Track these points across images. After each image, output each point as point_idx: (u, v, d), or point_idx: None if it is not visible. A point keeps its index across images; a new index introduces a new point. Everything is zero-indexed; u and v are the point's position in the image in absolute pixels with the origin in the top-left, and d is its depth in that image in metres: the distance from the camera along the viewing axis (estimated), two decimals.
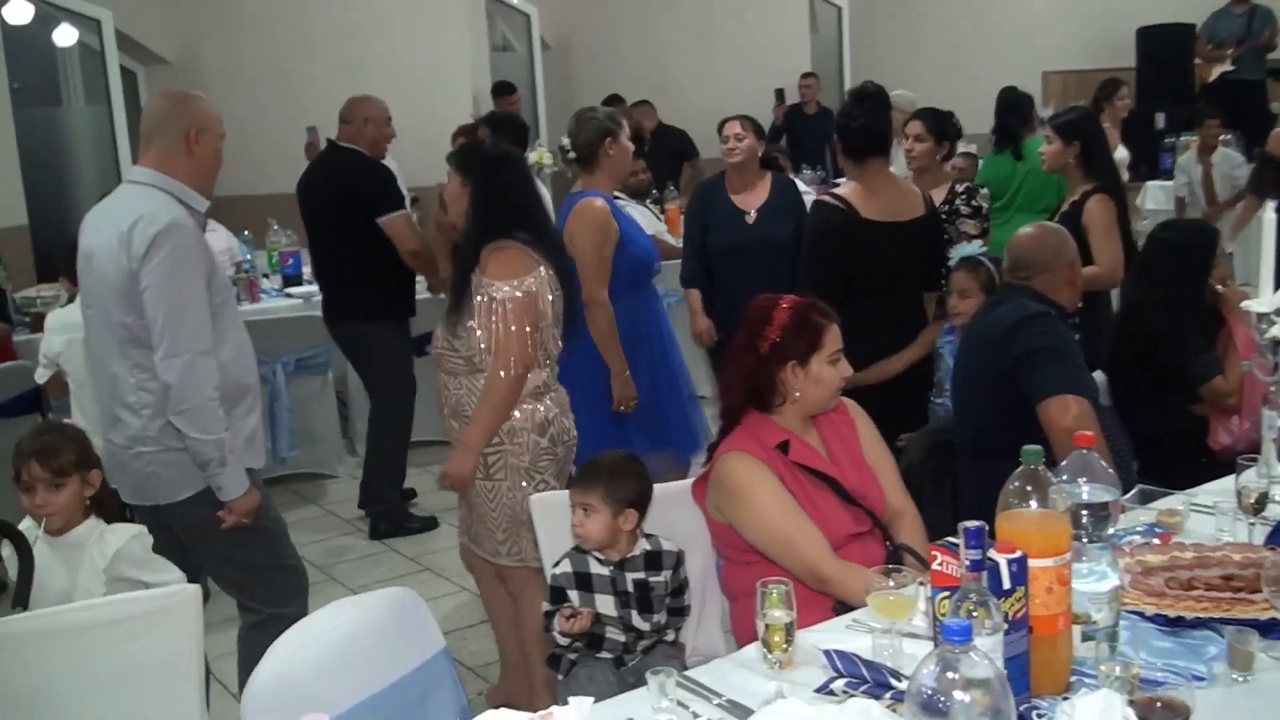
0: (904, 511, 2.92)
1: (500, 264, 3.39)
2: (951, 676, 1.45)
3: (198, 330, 3.06)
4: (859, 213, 4.05)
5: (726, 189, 5.12)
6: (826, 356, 2.81)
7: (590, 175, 4.34)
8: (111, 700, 2.47)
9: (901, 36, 12.36)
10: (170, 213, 3.06)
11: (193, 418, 3.06)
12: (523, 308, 3.36)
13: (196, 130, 3.15)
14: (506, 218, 3.44)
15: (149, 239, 3.00)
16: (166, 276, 3.02)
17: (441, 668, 2.41)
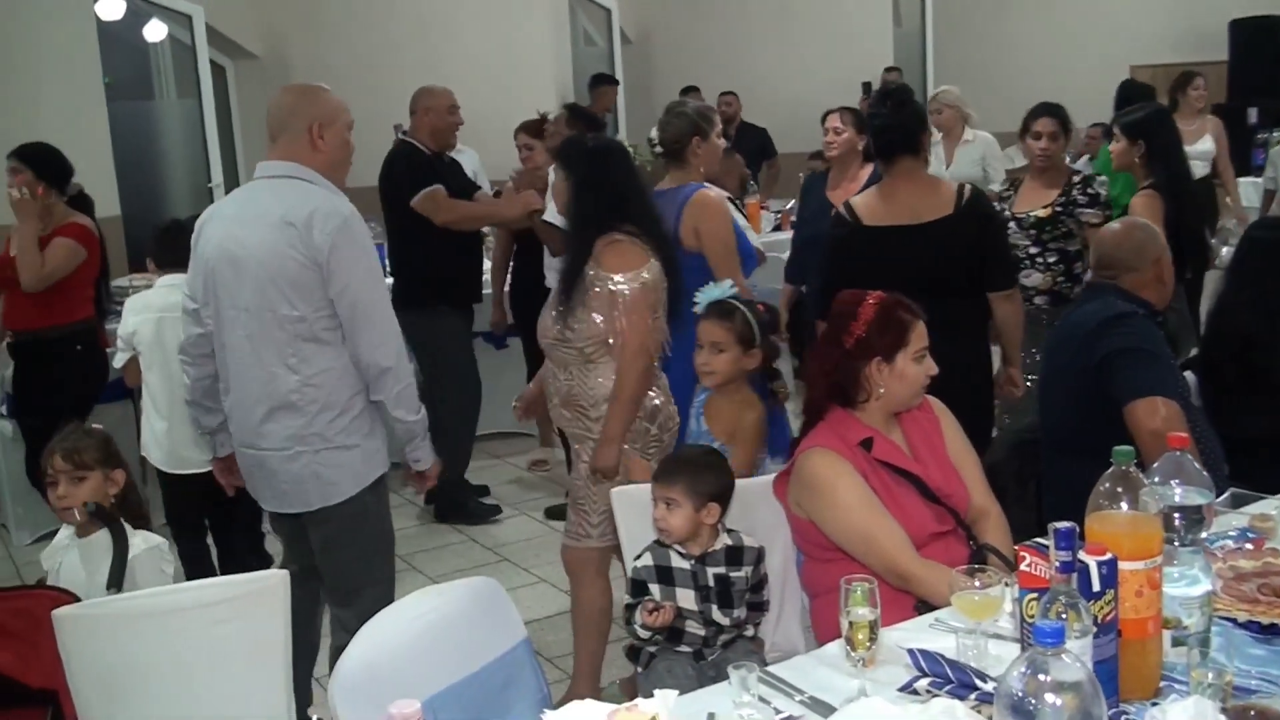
0: (988, 511, 2.88)
1: (615, 256, 3.41)
2: (1042, 679, 1.44)
3: (393, 315, 3.16)
4: (861, 221, 3.97)
5: (827, 184, 5.12)
6: (912, 353, 2.79)
7: (679, 171, 4.33)
8: (200, 682, 2.51)
9: (986, 29, 12.18)
10: (342, 205, 3.09)
11: (404, 397, 3.17)
12: (642, 298, 3.39)
13: (320, 124, 3.15)
14: (611, 211, 3.45)
15: (332, 231, 3.01)
16: (360, 267, 3.07)
17: (523, 657, 2.43)
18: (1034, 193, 5.02)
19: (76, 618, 2.45)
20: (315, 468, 3.15)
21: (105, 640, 2.45)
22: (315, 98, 3.23)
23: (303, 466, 3.15)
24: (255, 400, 3.16)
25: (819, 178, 5.24)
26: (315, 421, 3.12)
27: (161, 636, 2.48)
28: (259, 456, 3.21)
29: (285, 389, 3.11)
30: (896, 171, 3.99)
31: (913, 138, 3.98)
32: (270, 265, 3.05)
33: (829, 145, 5.04)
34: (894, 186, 4.00)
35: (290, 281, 3.04)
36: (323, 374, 3.10)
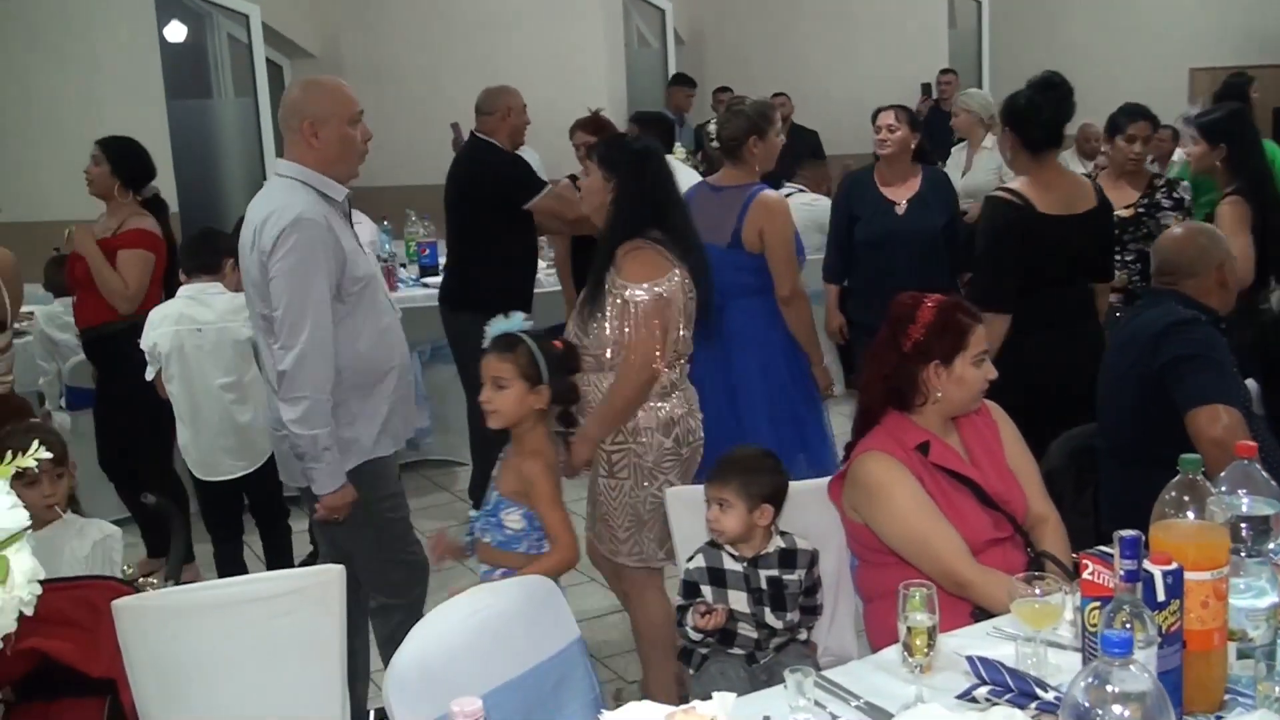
0: (1046, 518, 2.85)
1: (634, 265, 3.37)
2: (1110, 689, 1.42)
3: (315, 324, 3.09)
4: (1035, 207, 3.93)
5: (876, 180, 5.05)
6: (971, 357, 2.76)
7: (734, 168, 4.31)
8: (256, 674, 2.53)
9: (1042, 31, 12.05)
10: (299, 207, 3.09)
11: (295, 408, 3.11)
12: (655, 310, 3.34)
13: (310, 122, 3.16)
14: (645, 216, 3.41)
15: (276, 233, 3.07)
16: (289, 270, 3.07)
17: (576, 656, 2.44)
18: (1115, 193, 4.96)
19: (136, 608, 2.48)
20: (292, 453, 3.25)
21: (164, 631, 2.48)
22: (314, 93, 3.23)
23: (289, 448, 3.25)
24: (265, 382, 3.38)
25: (865, 175, 5.16)
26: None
27: (219, 629, 2.51)
28: (270, 433, 3.42)
29: (270, 376, 3.24)
30: (1046, 164, 4.03)
31: (1062, 133, 4.06)
32: (245, 265, 3.22)
33: (882, 143, 4.97)
34: (1047, 178, 4.01)
35: (253, 280, 3.18)
36: None
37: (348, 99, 3.24)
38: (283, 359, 3.10)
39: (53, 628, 2.51)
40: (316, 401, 3.11)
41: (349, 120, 3.22)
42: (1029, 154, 4.02)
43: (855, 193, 5.10)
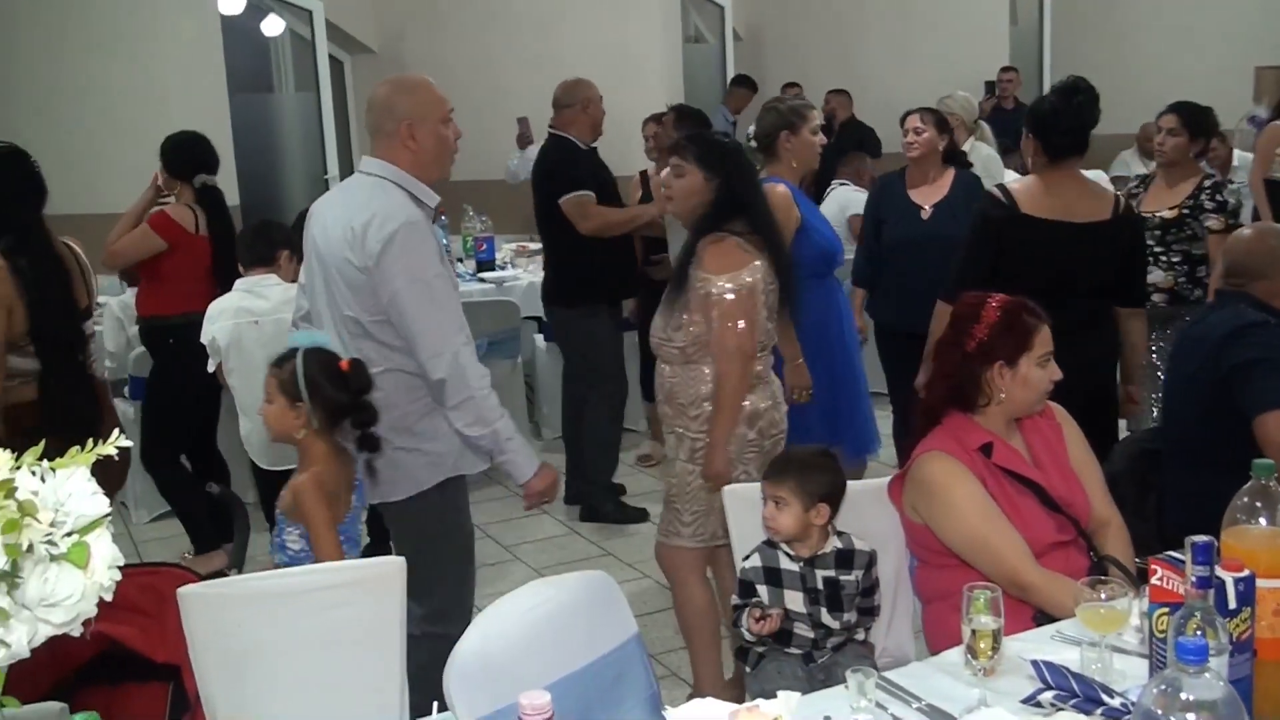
0: (1109, 521, 2.82)
1: (716, 258, 3.38)
2: (1184, 697, 1.39)
3: (454, 322, 3.05)
4: (1019, 207, 3.85)
5: (905, 183, 5.02)
6: (1036, 358, 2.73)
7: (771, 164, 4.35)
8: (317, 663, 2.56)
9: (1105, 28, 11.88)
10: (403, 212, 3.03)
11: (466, 410, 3.05)
12: (739, 302, 3.34)
13: (410, 123, 3.11)
14: (731, 208, 3.43)
15: (383, 239, 2.97)
16: (410, 277, 2.99)
17: (634, 652, 2.43)
18: (1162, 193, 4.91)
19: (201, 596, 2.51)
20: (375, 464, 3.11)
21: (228, 619, 2.51)
22: (409, 93, 3.18)
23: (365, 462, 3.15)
24: None
25: (895, 178, 5.13)
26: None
27: (281, 617, 2.53)
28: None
29: None
30: (1064, 167, 3.91)
31: (1087, 139, 3.93)
32: (335, 265, 3.09)
33: (910, 146, 4.93)
34: (1057, 181, 3.90)
35: (348, 283, 3.06)
36: (383, 375, 3.05)
37: (440, 99, 3.20)
38: (437, 368, 3.01)
39: (119, 613, 2.54)
40: (482, 397, 3.06)
41: (442, 120, 3.17)
42: (1047, 159, 3.92)
43: (884, 196, 5.07)
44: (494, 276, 6.80)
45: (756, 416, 3.45)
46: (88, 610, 1.30)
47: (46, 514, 1.25)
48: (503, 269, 6.98)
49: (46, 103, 7.01)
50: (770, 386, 3.55)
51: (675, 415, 3.50)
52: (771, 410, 3.51)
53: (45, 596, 1.25)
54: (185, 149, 4.97)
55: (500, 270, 6.93)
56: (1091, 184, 4.06)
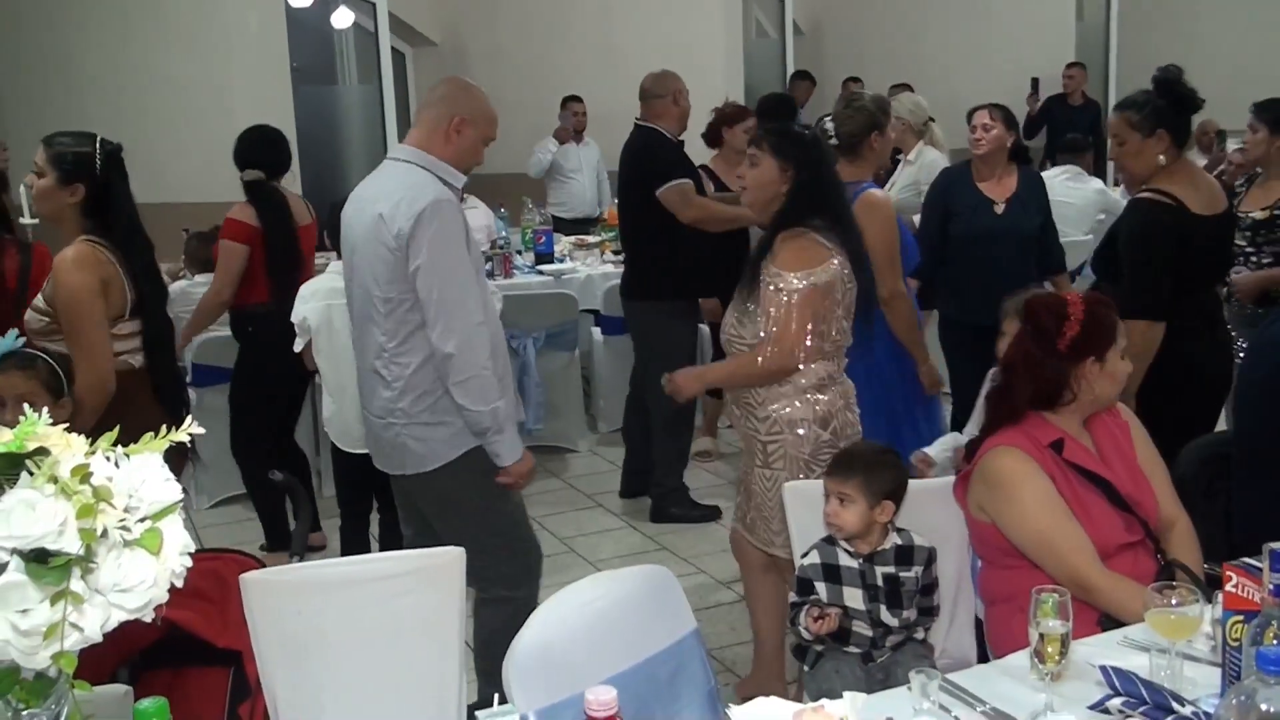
0: (1176, 522, 2.77)
1: (791, 253, 3.33)
2: (1265, 709, 1.36)
3: (471, 303, 3.15)
4: (1188, 208, 3.76)
5: (973, 177, 4.97)
6: (1120, 350, 2.75)
7: (852, 165, 4.24)
8: (377, 652, 2.57)
9: (1173, 23, 11.68)
10: (432, 191, 3.13)
11: (469, 388, 3.15)
12: (807, 300, 3.30)
13: (460, 119, 3.20)
14: (812, 203, 3.39)
15: (413, 217, 3.07)
16: (435, 253, 3.09)
17: (692, 648, 2.42)
18: (1261, 193, 4.82)
19: (263, 583, 2.53)
20: (404, 438, 3.27)
21: (289, 606, 2.52)
22: (470, 96, 3.29)
23: (394, 435, 3.28)
24: (363, 368, 3.35)
25: (962, 171, 5.08)
26: (402, 397, 3.22)
27: (342, 605, 2.54)
28: (369, 420, 3.39)
29: (378, 362, 3.25)
30: (1184, 163, 3.90)
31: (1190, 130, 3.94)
32: (365, 243, 3.19)
33: (978, 142, 4.88)
34: (1191, 176, 3.87)
35: (381, 262, 3.15)
36: (410, 352, 3.18)
37: (494, 119, 3.32)
38: (447, 341, 3.12)
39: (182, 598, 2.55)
40: (486, 377, 3.16)
41: (485, 138, 3.30)
42: (1177, 150, 3.85)
43: (952, 189, 5.01)
44: (552, 269, 6.81)
45: (830, 417, 3.39)
46: (160, 596, 1.31)
47: (121, 499, 1.26)
48: (561, 261, 6.99)
49: (114, 94, 7.12)
50: (842, 387, 3.47)
51: (744, 417, 3.46)
52: (845, 411, 3.45)
53: (118, 582, 1.26)
54: (240, 143, 5.04)
55: (559, 263, 6.93)
56: (1202, 173, 4.07)
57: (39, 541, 1.25)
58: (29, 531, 1.26)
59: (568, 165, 8.65)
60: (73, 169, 3.37)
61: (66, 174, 3.37)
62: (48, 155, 3.39)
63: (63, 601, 1.26)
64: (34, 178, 3.42)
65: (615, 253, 7.22)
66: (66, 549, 1.26)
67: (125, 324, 3.49)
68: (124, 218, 3.48)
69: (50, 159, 3.38)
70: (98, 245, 3.40)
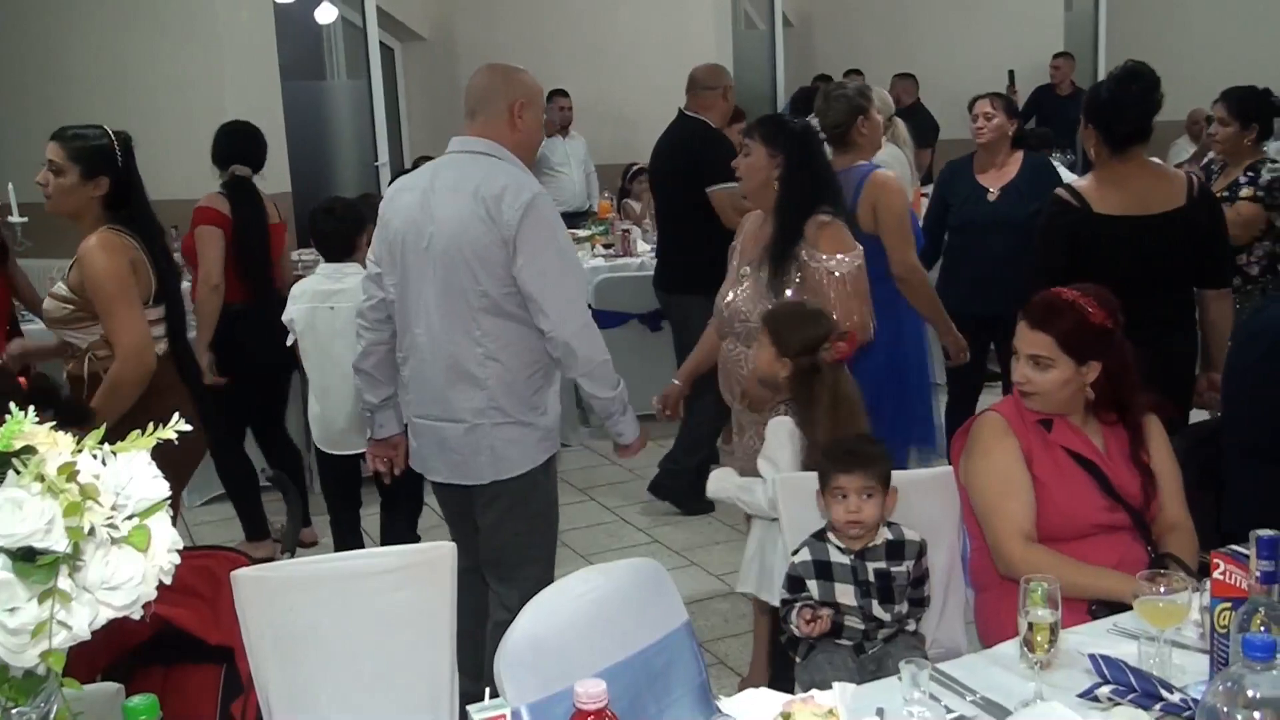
0: (1178, 525, 2.79)
1: (831, 238, 3.44)
2: (1250, 694, 1.37)
3: (580, 293, 3.20)
4: (1091, 207, 3.71)
5: (973, 167, 5.02)
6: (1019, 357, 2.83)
7: (845, 154, 4.27)
8: (369, 647, 2.56)
9: (1162, 13, 11.68)
10: (532, 182, 3.13)
11: (595, 376, 3.19)
12: (859, 280, 3.44)
13: (520, 104, 3.18)
14: (818, 191, 3.48)
15: (521, 207, 3.03)
16: (545, 246, 3.06)
17: (683, 641, 2.42)
18: (1222, 180, 4.85)
19: (254, 579, 2.52)
20: (492, 441, 3.17)
21: (280, 603, 2.52)
22: (518, 78, 3.25)
23: (479, 439, 3.18)
24: (438, 370, 3.19)
25: (964, 162, 5.12)
26: (495, 395, 3.15)
27: (334, 602, 2.54)
28: (436, 427, 3.24)
29: (468, 361, 3.14)
30: (1129, 158, 3.76)
31: (1150, 126, 3.80)
32: (459, 238, 3.08)
33: (979, 131, 4.93)
34: (1125, 173, 3.75)
35: (478, 255, 3.07)
36: (505, 349, 3.12)
37: (543, 94, 3.33)
38: (570, 333, 3.10)
39: (174, 595, 2.56)
40: (608, 362, 3.21)
41: (544, 113, 3.34)
42: (1110, 150, 3.77)
43: (952, 180, 5.09)
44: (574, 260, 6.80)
45: None
46: (148, 593, 1.31)
47: (108, 497, 1.26)
48: None
49: (100, 88, 7.08)
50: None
51: (765, 399, 3.44)
52: None
53: (106, 579, 1.26)
54: (225, 139, 5.04)
55: None
56: (1161, 169, 3.94)
57: (26, 540, 1.25)
58: (16, 530, 1.26)
59: (554, 159, 8.63)
60: (97, 163, 3.37)
61: (90, 168, 3.37)
62: (66, 152, 3.37)
63: (50, 600, 1.26)
64: (50, 175, 3.40)
65: (606, 246, 7.21)
66: (54, 547, 1.26)
67: (150, 310, 3.49)
68: (144, 206, 3.49)
69: (70, 155, 3.37)
70: (121, 232, 3.40)
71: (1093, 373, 2.70)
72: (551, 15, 9.24)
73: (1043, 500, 2.67)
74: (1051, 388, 2.69)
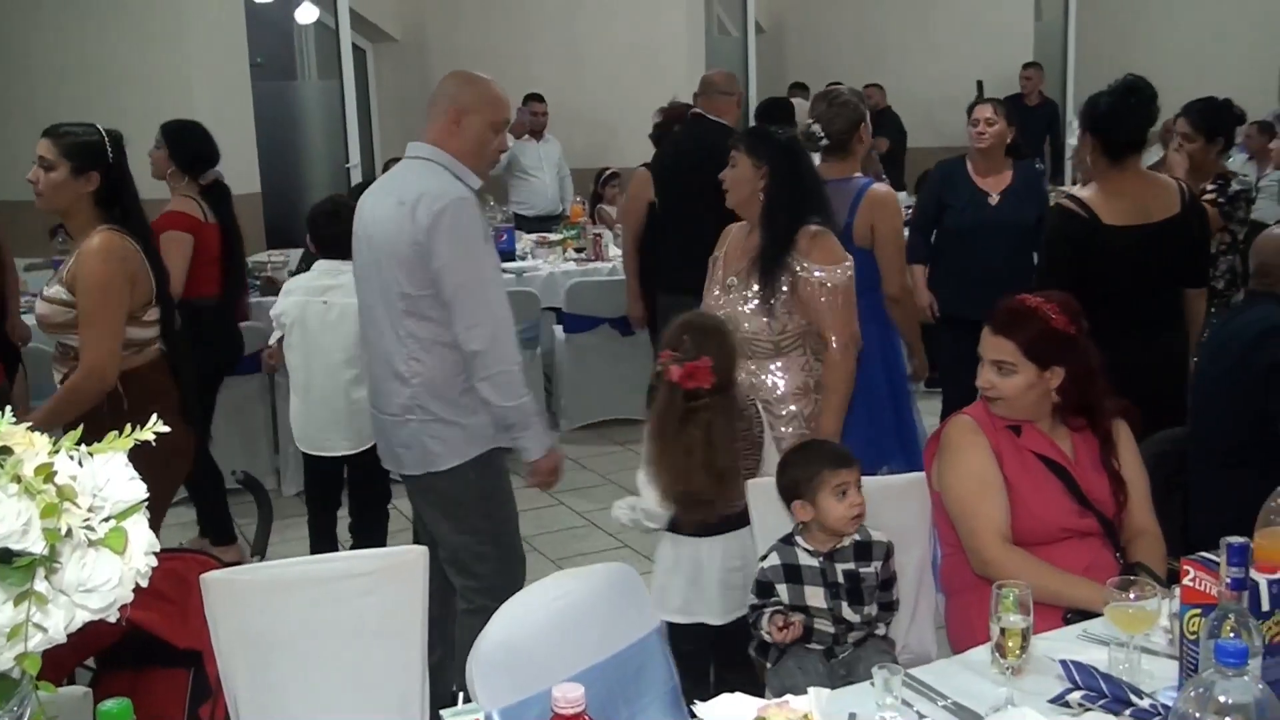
0: (1146, 531, 2.80)
1: (823, 249, 3.43)
2: (1222, 700, 1.38)
3: (496, 298, 3.16)
4: (1100, 218, 3.81)
5: (969, 170, 5.04)
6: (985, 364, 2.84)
7: (842, 161, 4.27)
8: (339, 651, 2.55)
9: (1131, 24, 11.82)
10: (453, 189, 3.13)
11: (497, 383, 3.15)
12: (849, 290, 3.43)
13: (459, 109, 3.18)
14: (806, 201, 3.48)
15: (434, 213, 3.06)
16: (457, 251, 3.08)
17: (656, 645, 2.43)
18: None
19: (224, 582, 2.51)
20: (421, 436, 3.25)
21: (250, 606, 2.51)
22: (469, 84, 3.26)
23: (410, 434, 3.26)
24: (378, 366, 3.33)
25: (958, 165, 5.12)
26: (420, 394, 3.21)
27: (304, 605, 2.53)
28: (380, 419, 3.37)
29: (396, 359, 3.23)
30: (1127, 167, 3.88)
31: (1145, 137, 3.94)
32: (386, 242, 3.17)
33: (980, 136, 4.95)
34: (1124, 183, 3.86)
35: (397, 259, 3.14)
36: (426, 350, 3.18)
37: (497, 102, 3.27)
38: (474, 338, 3.12)
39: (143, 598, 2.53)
40: (514, 372, 3.17)
41: (493, 122, 3.24)
42: (1109, 160, 3.88)
43: (948, 182, 5.10)
44: (514, 267, 6.80)
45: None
46: (125, 596, 1.30)
47: (85, 499, 1.25)
48: (523, 259, 6.98)
49: (64, 85, 7.02)
50: None
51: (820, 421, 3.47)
52: None
53: (83, 582, 1.25)
54: (198, 143, 4.99)
55: (520, 261, 6.92)
56: (1155, 178, 4.06)
57: (2, 542, 1.23)
58: None
59: (526, 162, 8.61)
60: (87, 158, 3.35)
61: (81, 164, 3.34)
62: (57, 148, 3.35)
63: (26, 602, 1.24)
64: (40, 172, 3.37)
65: (578, 250, 7.21)
66: (30, 549, 1.25)
67: (151, 310, 3.47)
68: (135, 204, 3.47)
69: (61, 151, 3.34)
70: (122, 234, 3.37)
71: (1056, 378, 2.72)
72: (524, 19, 9.24)
73: (1013, 504, 2.68)
74: (1014, 393, 2.71)
